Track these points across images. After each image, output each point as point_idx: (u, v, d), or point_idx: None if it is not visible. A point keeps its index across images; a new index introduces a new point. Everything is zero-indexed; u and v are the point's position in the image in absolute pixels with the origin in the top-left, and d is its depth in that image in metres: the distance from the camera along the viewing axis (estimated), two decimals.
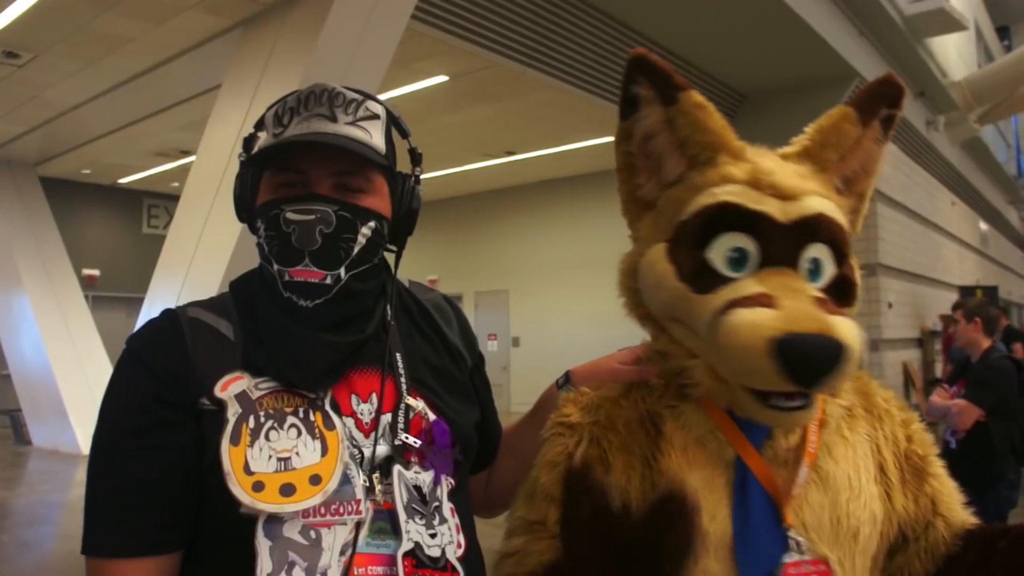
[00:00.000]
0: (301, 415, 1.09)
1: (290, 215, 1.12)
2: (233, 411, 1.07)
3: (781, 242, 1.07)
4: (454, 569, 1.14)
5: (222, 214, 6.43)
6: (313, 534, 1.06)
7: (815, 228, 1.08)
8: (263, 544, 1.03)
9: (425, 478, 1.16)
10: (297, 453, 1.06)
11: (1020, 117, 23.93)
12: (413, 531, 1.11)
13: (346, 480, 1.08)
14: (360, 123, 1.17)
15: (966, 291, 14.11)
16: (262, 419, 1.07)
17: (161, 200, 17.10)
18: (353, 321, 1.19)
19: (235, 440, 1.05)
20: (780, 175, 1.10)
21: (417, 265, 17.19)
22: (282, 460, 1.06)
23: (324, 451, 1.07)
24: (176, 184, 14.82)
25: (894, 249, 11.77)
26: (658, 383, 1.18)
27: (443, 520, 1.16)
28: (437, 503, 1.16)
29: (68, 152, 12.65)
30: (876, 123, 1.18)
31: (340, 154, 1.15)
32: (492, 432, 1.43)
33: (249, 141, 1.26)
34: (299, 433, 1.08)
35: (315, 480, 1.05)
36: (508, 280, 17.09)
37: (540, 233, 16.07)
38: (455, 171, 15.07)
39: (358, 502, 1.08)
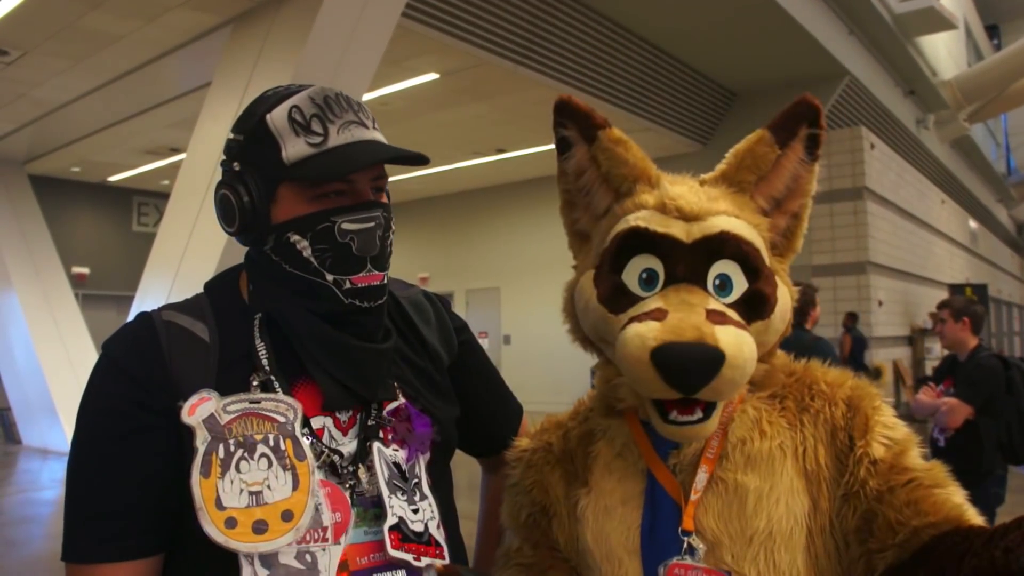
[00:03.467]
0: (271, 443, 1.08)
1: (346, 225, 1.12)
2: (202, 438, 1.05)
3: (685, 261, 1.13)
4: (438, 544, 1.16)
5: (212, 212, 6.34)
6: (309, 558, 1.06)
7: (718, 245, 1.13)
8: (261, 572, 1.03)
9: (402, 455, 1.18)
10: (268, 486, 1.05)
11: (1009, 115, 24.05)
12: (396, 506, 1.13)
13: (315, 508, 1.08)
14: (375, 126, 1.20)
15: (956, 289, 14.18)
16: (232, 448, 1.06)
17: (151, 198, 17.06)
18: (384, 324, 1.23)
19: (206, 472, 1.04)
20: (686, 199, 1.16)
21: (408, 263, 17.19)
22: (254, 494, 1.05)
23: (295, 484, 1.07)
24: (166, 182, 14.78)
25: (884, 247, 11.83)
26: (597, 403, 1.27)
27: (423, 496, 1.18)
28: (416, 479, 1.18)
29: (57, 150, 12.61)
30: (798, 144, 1.22)
31: (390, 162, 1.17)
32: (495, 414, 1.44)
33: (244, 149, 1.18)
34: (270, 464, 1.07)
35: (287, 516, 1.05)
36: (499, 278, 17.11)
37: (531, 231, 16.08)
38: (446, 169, 15.07)
39: (324, 529, 1.08)
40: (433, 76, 9.76)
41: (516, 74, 9.00)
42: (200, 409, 1.07)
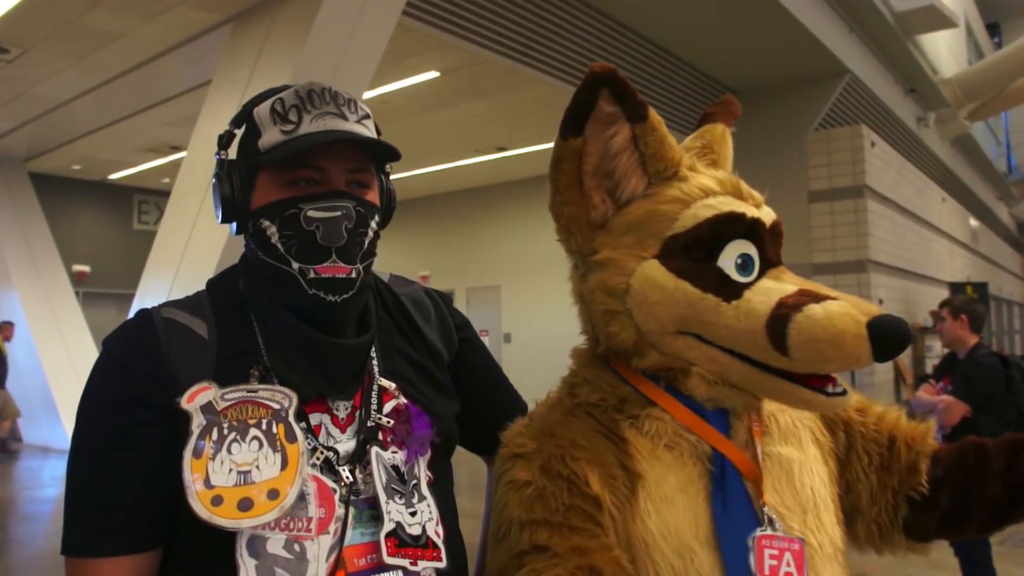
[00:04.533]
0: (264, 427, 1.09)
1: (312, 213, 1.13)
2: (197, 423, 1.07)
3: (770, 244, 1.18)
4: (435, 546, 1.16)
5: (213, 210, 6.32)
6: (297, 547, 1.07)
7: (780, 228, 1.22)
8: (249, 563, 1.04)
9: (400, 457, 1.18)
10: (257, 467, 1.06)
11: (1010, 114, 24.03)
12: (394, 511, 1.13)
13: (302, 496, 1.08)
14: (362, 122, 1.20)
15: (956, 287, 14.18)
16: (225, 431, 1.07)
17: (151, 196, 17.05)
18: (362, 319, 1.22)
19: (197, 453, 1.05)
20: (746, 186, 1.23)
21: (409, 261, 17.18)
22: (242, 473, 1.05)
23: (284, 464, 1.07)
24: (166, 180, 14.77)
25: (885, 245, 11.82)
26: (606, 401, 1.22)
27: (422, 498, 1.18)
28: (415, 481, 1.18)
29: (58, 148, 12.60)
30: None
31: (356, 151, 1.17)
32: (497, 412, 1.41)
33: (233, 140, 1.25)
34: (260, 446, 1.08)
35: (273, 495, 1.05)
36: (500, 276, 17.10)
37: (531, 229, 16.05)
38: (446, 167, 15.06)
39: (309, 520, 1.08)
40: (433, 74, 9.75)
41: (516, 72, 8.99)
42: (199, 397, 1.08)
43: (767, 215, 1.20)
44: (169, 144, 12.82)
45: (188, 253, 7.00)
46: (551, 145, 1.21)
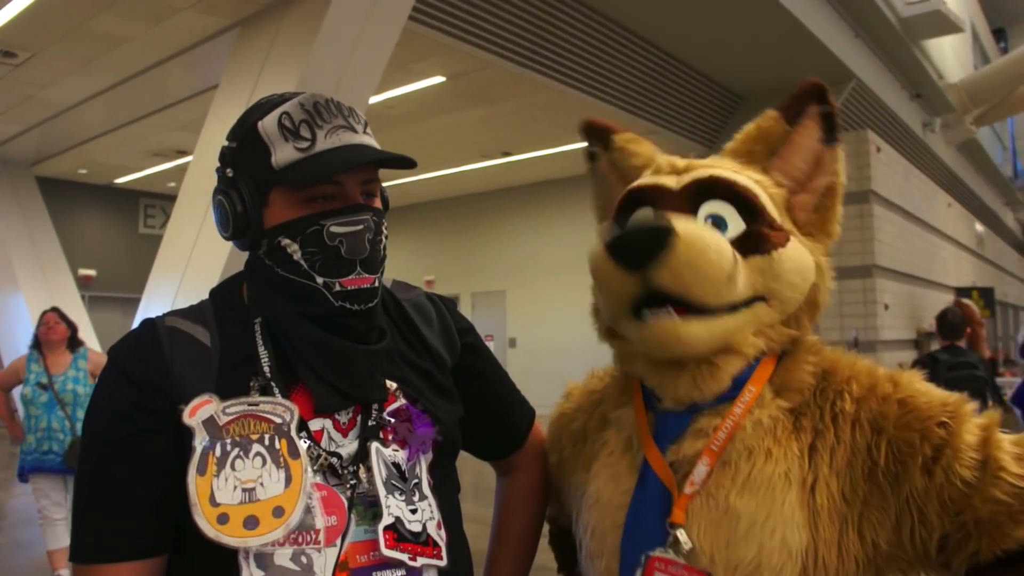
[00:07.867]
0: (267, 442, 1.10)
1: (335, 228, 1.14)
2: (200, 439, 1.08)
3: (673, 204, 1.15)
4: (435, 544, 1.16)
5: None
6: (304, 559, 1.07)
7: (706, 187, 1.16)
8: (256, 574, 1.05)
9: (402, 455, 1.19)
10: (262, 484, 1.07)
11: (1016, 119, 23.97)
12: (393, 506, 1.13)
13: (307, 510, 1.09)
14: (366, 131, 1.21)
15: (962, 292, 14.14)
16: (228, 447, 1.08)
17: (157, 200, 17.09)
18: (377, 326, 1.24)
19: (202, 470, 1.06)
20: (677, 161, 1.24)
21: (414, 266, 17.20)
22: (247, 491, 1.07)
23: (288, 482, 1.08)
24: (173, 184, 14.81)
25: (890, 251, 11.80)
26: (611, 393, 1.31)
27: (423, 496, 1.18)
28: (416, 480, 1.19)
29: (64, 152, 12.62)
30: (810, 122, 1.24)
31: (374, 164, 1.18)
32: (501, 417, 1.45)
33: (236, 156, 1.22)
34: (264, 462, 1.09)
35: (278, 512, 1.06)
36: (505, 281, 17.10)
37: (537, 234, 16.08)
38: (452, 172, 15.07)
39: (317, 532, 1.09)
40: (439, 79, 9.77)
41: (522, 77, 8.99)
42: (200, 411, 1.09)
43: (687, 178, 1.19)
44: (175, 148, 12.85)
45: (194, 257, 7.01)
46: (557, 150, 1.29)
